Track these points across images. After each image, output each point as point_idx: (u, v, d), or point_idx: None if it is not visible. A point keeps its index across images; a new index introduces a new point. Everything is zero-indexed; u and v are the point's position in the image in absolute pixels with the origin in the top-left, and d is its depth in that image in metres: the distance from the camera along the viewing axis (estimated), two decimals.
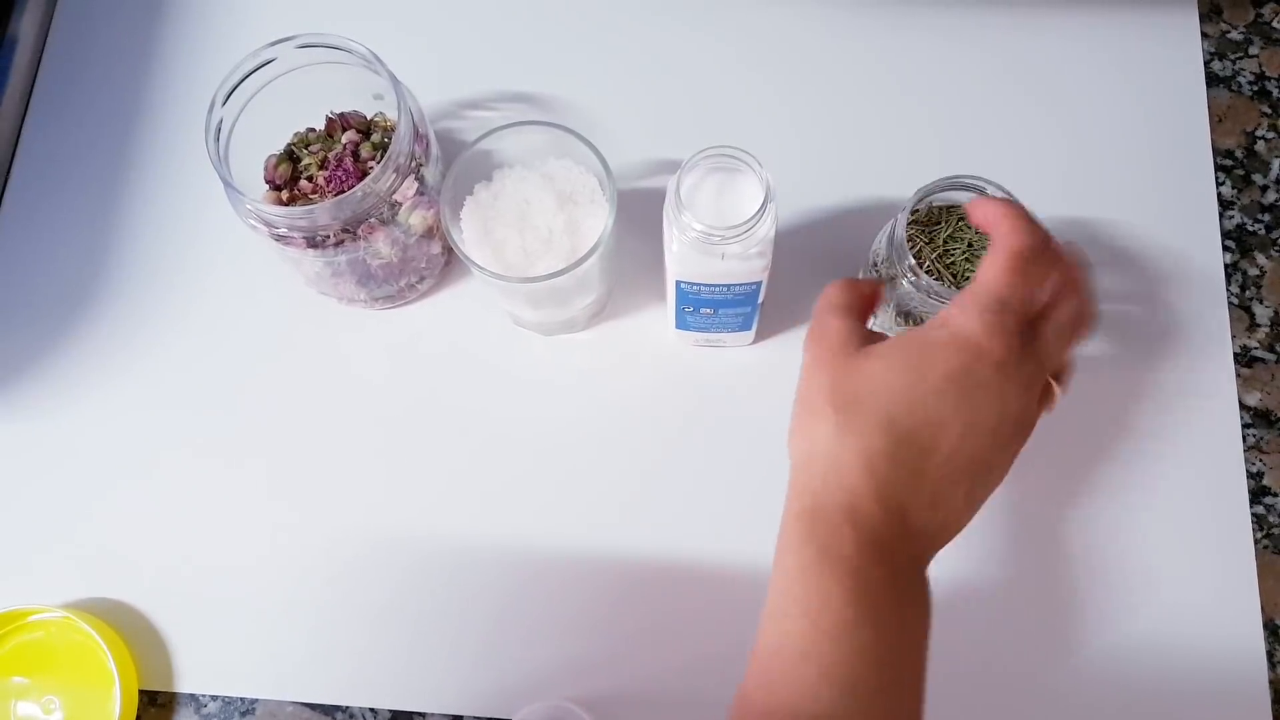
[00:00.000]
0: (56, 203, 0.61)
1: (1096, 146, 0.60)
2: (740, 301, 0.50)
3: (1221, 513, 0.53)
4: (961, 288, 0.47)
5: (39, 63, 0.64)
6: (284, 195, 0.54)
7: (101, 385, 0.58)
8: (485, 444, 0.56)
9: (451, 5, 0.64)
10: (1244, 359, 0.56)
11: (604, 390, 0.57)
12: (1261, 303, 0.57)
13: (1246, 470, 0.54)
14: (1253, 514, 0.54)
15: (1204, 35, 0.62)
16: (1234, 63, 0.61)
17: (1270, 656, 0.51)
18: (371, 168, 0.53)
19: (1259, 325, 0.57)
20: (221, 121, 0.49)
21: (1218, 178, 0.59)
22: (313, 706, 0.53)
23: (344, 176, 0.53)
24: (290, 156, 0.55)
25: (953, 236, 0.50)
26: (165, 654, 0.53)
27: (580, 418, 0.56)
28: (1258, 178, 0.59)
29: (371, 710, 0.52)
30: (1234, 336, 0.56)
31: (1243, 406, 0.55)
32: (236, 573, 0.54)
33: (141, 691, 0.53)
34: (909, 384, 0.39)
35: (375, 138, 0.55)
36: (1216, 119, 0.60)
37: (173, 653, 0.53)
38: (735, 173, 0.46)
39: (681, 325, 0.54)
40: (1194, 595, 0.52)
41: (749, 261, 0.46)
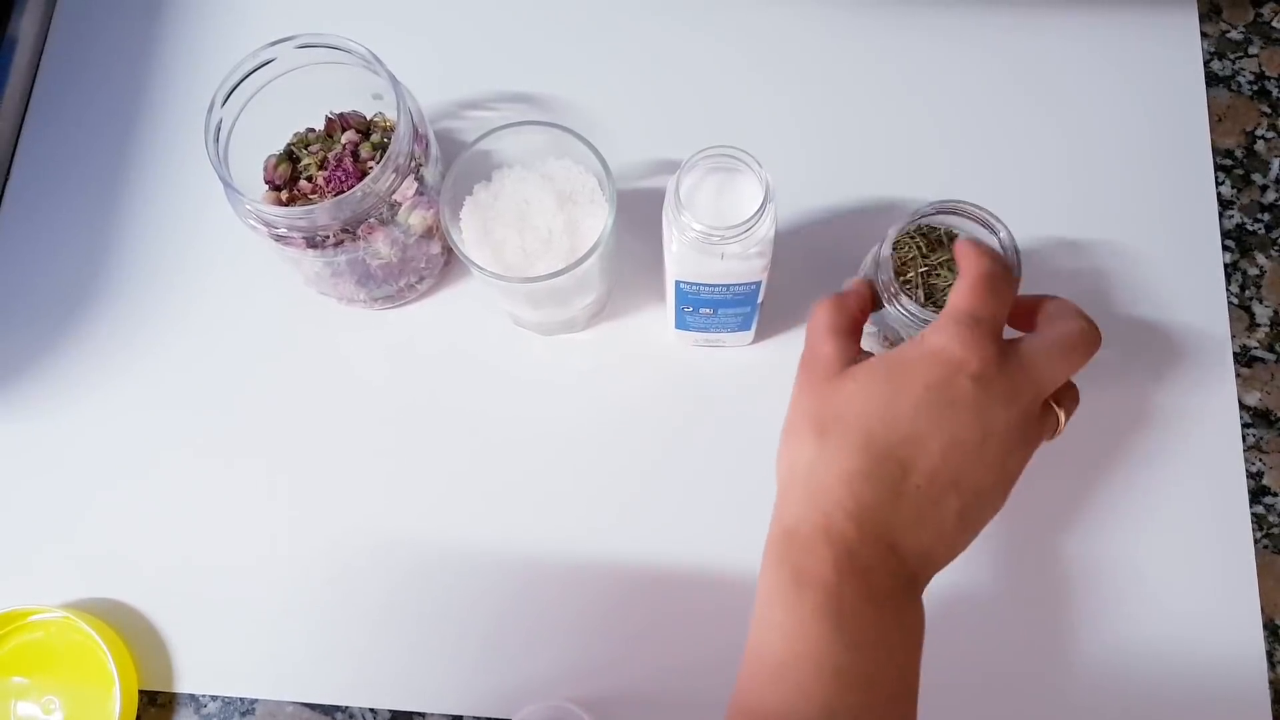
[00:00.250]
0: (56, 203, 0.61)
1: (1096, 146, 0.60)
2: (740, 301, 0.50)
3: (1221, 513, 0.53)
4: (928, 310, 0.47)
5: (39, 63, 0.64)
6: (283, 195, 0.54)
7: (102, 385, 0.58)
8: (485, 444, 0.56)
9: (451, 5, 0.64)
10: (1244, 359, 0.56)
11: (604, 390, 0.57)
12: (1261, 302, 0.57)
13: (1246, 470, 0.54)
14: (1253, 514, 0.53)
15: (1204, 35, 0.62)
16: (1234, 62, 0.61)
17: (1270, 656, 0.51)
18: (371, 168, 0.53)
19: (1259, 325, 0.57)
20: (221, 122, 0.49)
21: (1217, 177, 0.59)
22: (313, 706, 0.53)
23: (343, 177, 0.53)
24: (290, 157, 0.55)
25: (947, 265, 0.50)
26: (165, 654, 0.53)
27: (580, 418, 0.56)
28: (1257, 177, 0.59)
29: (371, 710, 0.52)
30: (1234, 336, 0.56)
31: (1243, 406, 0.55)
32: (236, 573, 0.54)
33: (141, 691, 0.53)
34: (885, 401, 0.39)
35: (375, 138, 0.55)
36: (1216, 119, 0.60)
37: (173, 653, 0.53)
38: (735, 173, 0.46)
39: (681, 325, 0.53)
40: (1194, 595, 0.52)
41: (748, 261, 0.46)
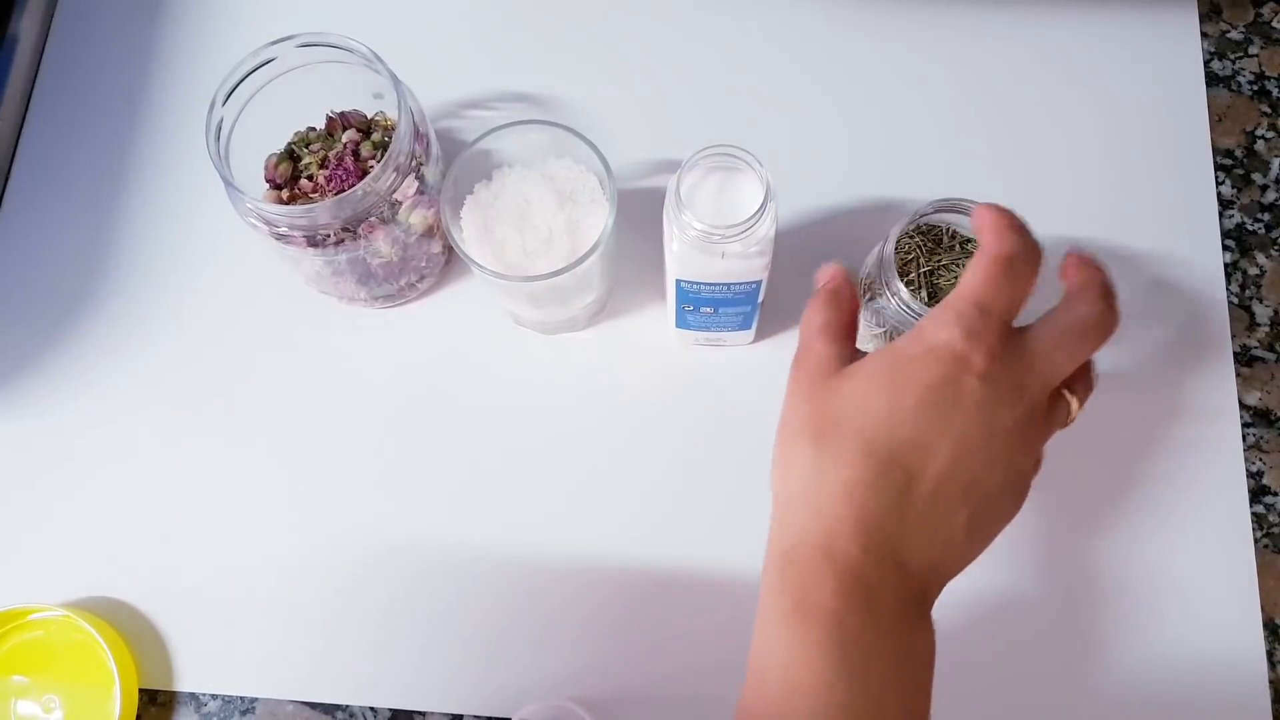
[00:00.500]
0: (56, 203, 0.61)
1: (1096, 146, 0.60)
2: (740, 300, 0.50)
3: (1221, 512, 0.53)
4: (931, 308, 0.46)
5: (39, 63, 0.64)
6: (284, 194, 0.54)
7: (102, 384, 0.58)
8: (485, 442, 0.56)
9: (452, 5, 0.64)
10: (1244, 358, 0.56)
11: (604, 389, 0.57)
12: (1261, 302, 0.57)
13: (1246, 470, 0.54)
14: (1253, 514, 0.53)
15: (1204, 35, 0.62)
16: (1234, 62, 0.61)
17: (1270, 656, 0.51)
18: (372, 167, 0.53)
19: (1259, 325, 0.57)
20: (222, 121, 0.49)
21: (1218, 177, 0.59)
22: (313, 706, 0.53)
23: (344, 175, 0.53)
24: (291, 155, 0.55)
25: (948, 265, 0.50)
26: (165, 653, 0.53)
27: (580, 416, 0.56)
28: (1257, 177, 0.59)
29: (372, 709, 0.52)
30: (1234, 336, 0.56)
31: (1243, 406, 0.55)
32: (237, 572, 0.54)
33: (141, 690, 0.53)
34: (886, 402, 0.36)
35: (375, 137, 0.55)
36: (1216, 118, 0.60)
37: (173, 652, 0.53)
38: (735, 172, 0.46)
39: (682, 324, 0.54)
40: (1194, 594, 0.52)
41: (749, 260, 0.46)
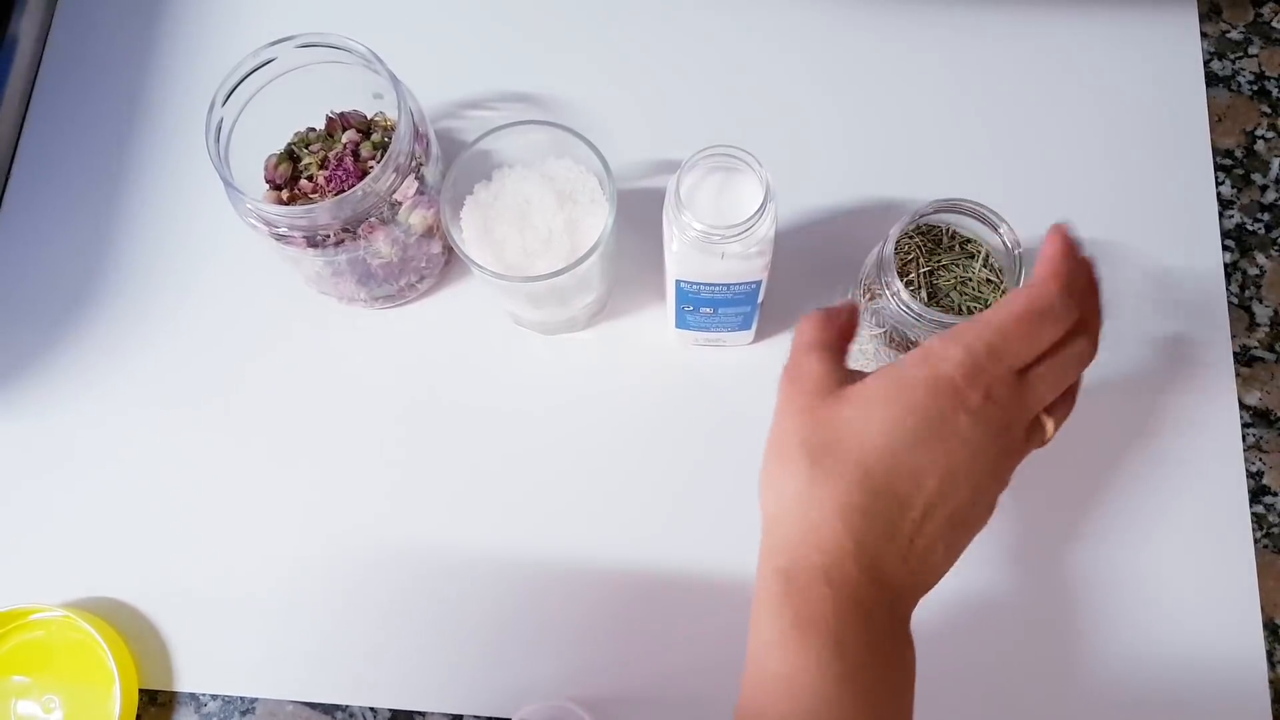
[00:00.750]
0: (56, 203, 0.61)
1: (1096, 146, 0.60)
2: (740, 301, 0.50)
3: (1221, 512, 0.53)
4: (934, 310, 0.46)
5: (39, 63, 0.64)
6: (284, 195, 0.54)
7: (101, 385, 0.58)
8: (485, 443, 0.56)
9: (452, 5, 0.64)
10: (1244, 359, 0.56)
11: (604, 389, 0.57)
12: (1261, 302, 0.57)
13: (1246, 470, 0.54)
14: (1253, 514, 0.53)
15: (1204, 35, 0.62)
16: (1234, 62, 0.61)
17: (1270, 656, 0.51)
18: (371, 167, 0.53)
19: (1259, 325, 0.57)
20: (221, 121, 0.49)
21: (1217, 177, 0.59)
22: (313, 706, 0.53)
23: (344, 176, 0.53)
24: (290, 156, 0.55)
25: (947, 266, 0.50)
26: (165, 653, 0.53)
27: (580, 417, 0.56)
28: (1257, 177, 0.59)
29: (371, 710, 0.52)
30: (1234, 336, 0.56)
31: (1243, 406, 0.55)
32: (237, 572, 0.54)
33: (141, 691, 0.53)
34: (885, 430, 0.36)
35: (375, 137, 0.55)
36: (1216, 119, 0.60)
37: (173, 652, 0.53)
38: (735, 172, 0.46)
39: (681, 324, 0.54)
40: (1194, 594, 0.52)
41: (749, 261, 0.46)
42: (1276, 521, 0.54)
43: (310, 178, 0.54)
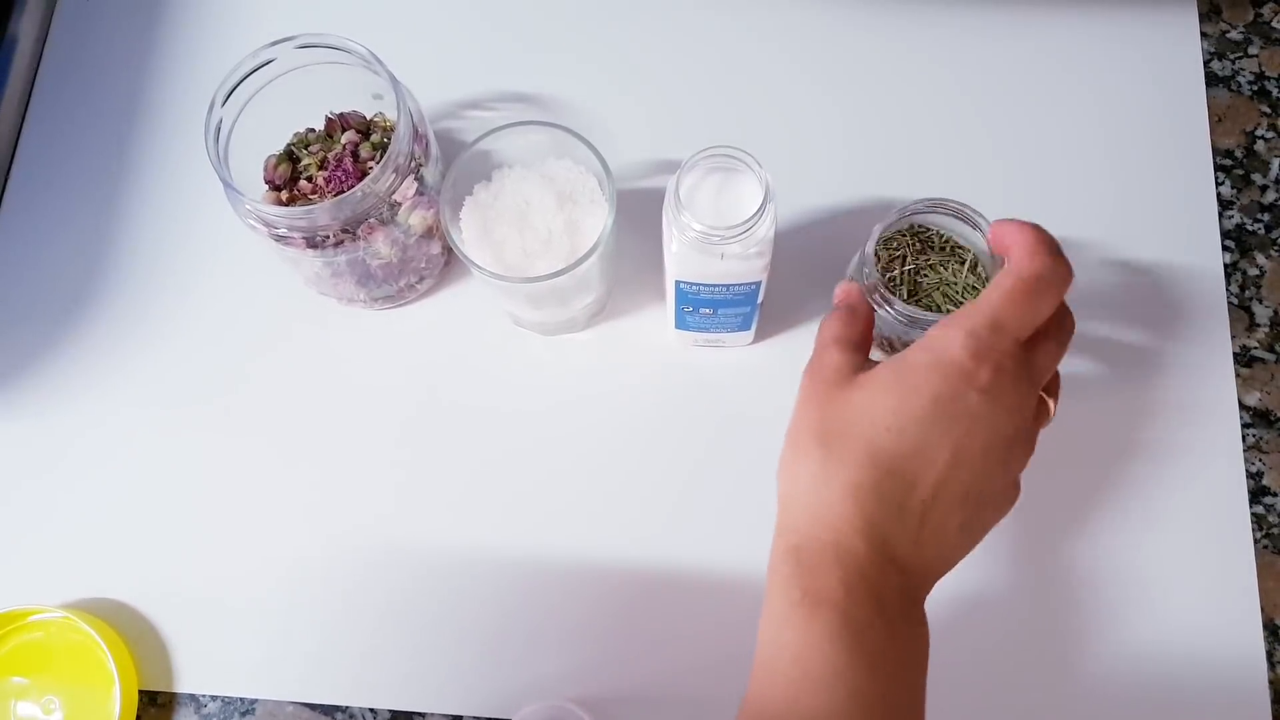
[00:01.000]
0: (56, 202, 0.61)
1: (1096, 146, 0.60)
2: (740, 301, 0.50)
3: (1221, 512, 0.53)
4: (912, 307, 0.47)
5: (39, 63, 0.64)
6: (284, 195, 0.54)
7: (101, 385, 0.58)
8: (485, 444, 0.56)
9: (451, 5, 0.64)
10: (1244, 359, 0.56)
11: (604, 390, 0.57)
12: (1261, 303, 0.57)
13: (1246, 470, 0.54)
14: (1253, 514, 0.53)
15: (1204, 35, 0.62)
16: (1234, 62, 0.61)
17: (1270, 656, 0.51)
18: (371, 168, 0.53)
19: (1259, 325, 0.57)
20: (221, 121, 0.49)
21: (1217, 178, 0.59)
22: (313, 707, 0.53)
23: (344, 177, 0.53)
24: (290, 156, 0.55)
25: (934, 265, 0.50)
26: (165, 654, 0.53)
27: (580, 417, 0.56)
28: (1257, 177, 0.59)
29: (371, 710, 0.52)
30: (1234, 336, 0.56)
31: (1243, 406, 0.55)
32: (237, 573, 0.54)
33: (141, 691, 0.53)
34: (891, 412, 0.38)
35: (375, 138, 0.55)
36: (1216, 119, 0.60)
37: (173, 653, 0.53)
38: (735, 172, 0.46)
39: (681, 325, 0.54)
40: (1194, 595, 0.52)
41: (748, 261, 0.46)
42: (1276, 522, 0.54)
43: (310, 178, 0.54)
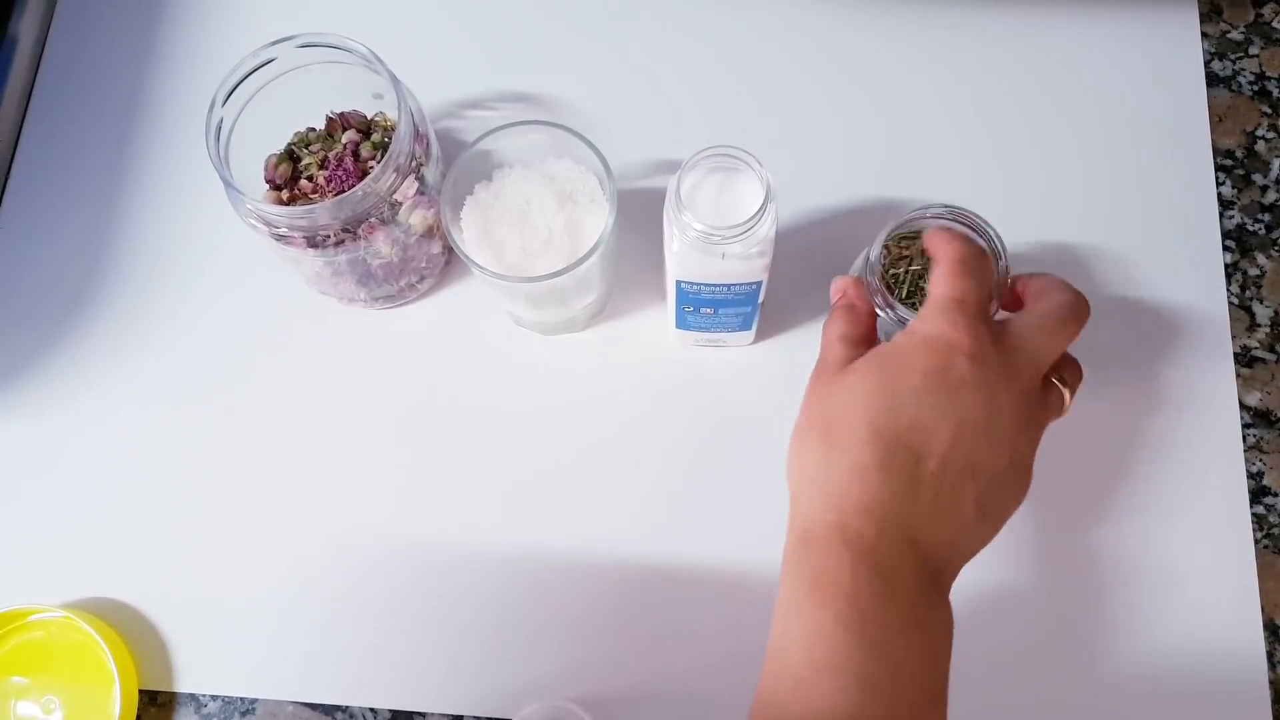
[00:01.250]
0: (56, 202, 0.61)
1: (1096, 146, 0.60)
2: (741, 301, 0.50)
3: (1221, 513, 0.53)
4: (913, 311, 0.47)
5: (39, 63, 0.64)
6: (284, 195, 0.54)
7: (101, 385, 0.58)
8: (485, 443, 0.56)
9: (451, 5, 0.64)
10: (1244, 359, 0.56)
11: (605, 390, 0.56)
12: (1261, 303, 0.57)
13: (1246, 470, 0.54)
14: (1253, 514, 0.53)
15: (1204, 35, 0.62)
16: (1234, 63, 0.61)
17: (1270, 656, 0.51)
18: (372, 167, 0.53)
19: (1259, 325, 0.57)
20: (221, 121, 0.49)
21: (1218, 178, 0.59)
22: (313, 706, 0.53)
23: (344, 176, 0.53)
24: (290, 156, 0.55)
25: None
26: (165, 654, 0.53)
27: (580, 417, 0.56)
28: (1258, 178, 0.59)
29: (371, 710, 0.52)
30: (1234, 336, 0.56)
31: (1243, 406, 0.55)
32: (237, 572, 0.54)
33: (141, 691, 0.53)
34: (885, 389, 0.39)
35: (375, 137, 0.55)
36: (1216, 119, 0.60)
37: (173, 653, 0.53)
38: (735, 172, 0.46)
39: (682, 325, 0.53)
40: (1194, 595, 0.52)
41: (749, 261, 0.46)
42: (1277, 522, 0.54)
43: (310, 178, 0.54)
